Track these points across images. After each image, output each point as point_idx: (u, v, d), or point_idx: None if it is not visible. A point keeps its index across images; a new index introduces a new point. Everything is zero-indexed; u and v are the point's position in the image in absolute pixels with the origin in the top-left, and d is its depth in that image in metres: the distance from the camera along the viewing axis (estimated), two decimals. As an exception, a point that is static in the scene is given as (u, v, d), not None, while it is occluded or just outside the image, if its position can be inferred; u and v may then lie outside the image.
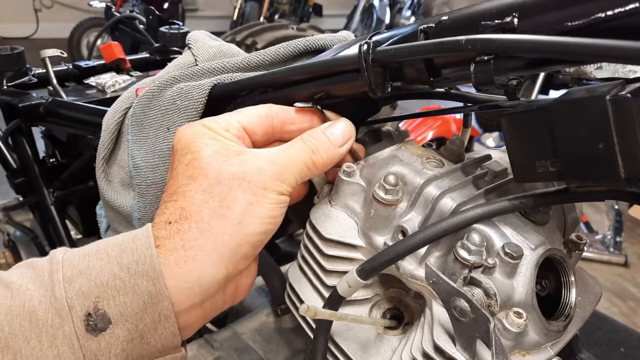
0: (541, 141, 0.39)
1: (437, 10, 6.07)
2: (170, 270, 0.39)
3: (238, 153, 0.44)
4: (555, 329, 0.44)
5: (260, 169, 0.43)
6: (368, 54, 0.44)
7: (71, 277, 0.37)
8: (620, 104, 0.33)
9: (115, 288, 0.37)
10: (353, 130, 0.51)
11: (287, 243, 1.09)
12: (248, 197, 0.42)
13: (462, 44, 0.37)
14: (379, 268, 0.45)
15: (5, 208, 1.36)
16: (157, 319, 0.38)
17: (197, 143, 0.44)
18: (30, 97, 1.02)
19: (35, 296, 0.36)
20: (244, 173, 0.42)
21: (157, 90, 0.61)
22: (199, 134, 0.45)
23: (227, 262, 0.41)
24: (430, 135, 2.93)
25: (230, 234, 0.41)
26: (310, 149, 0.47)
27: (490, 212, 0.43)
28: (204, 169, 0.42)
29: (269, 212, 0.43)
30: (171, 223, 0.41)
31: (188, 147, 0.44)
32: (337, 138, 0.49)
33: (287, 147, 0.47)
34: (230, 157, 0.43)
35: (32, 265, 0.39)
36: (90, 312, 0.36)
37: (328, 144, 0.48)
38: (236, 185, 0.42)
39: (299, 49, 0.62)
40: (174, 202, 0.42)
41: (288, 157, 0.45)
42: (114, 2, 4.63)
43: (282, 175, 0.44)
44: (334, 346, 0.52)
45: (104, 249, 0.39)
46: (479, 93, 0.57)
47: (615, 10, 0.32)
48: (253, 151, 0.45)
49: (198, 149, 0.44)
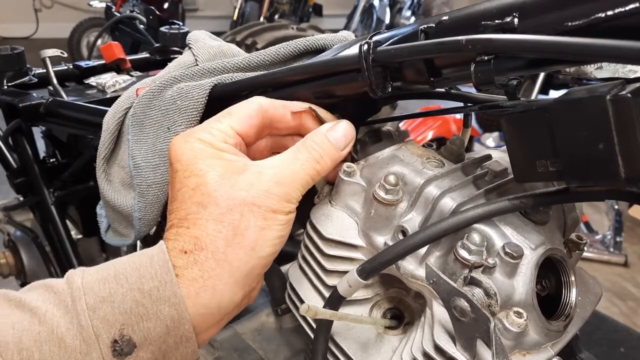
0: (541, 141, 0.39)
1: (437, 10, 6.07)
2: (191, 299, 0.40)
3: (242, 170, 0.44)
4: (555, 328, 0.44)
5: (268, 192, 0.43)
6: (368, 54, 0.44)
7: (94, 306, 0.38)
8: (620, 104, 0.33)
9: (139, 314, 0.39)
10: (354, 131, 0.50)
11: (287, 243, 1.09)
12: (260, 223, 0.42)
13: (463, 44, 0.37)
14: (380, 268, 0.45)
15: (6, 208, 1.36)
16: (178, 341, 0.40)
17: (200, 166, 0.43)
18: (30, 97, 1.01)
19: (62, 323, 0.37)
20: (254, 198, 0.42)
21: (157, 90, 0.61)
22: (199, 153, 0.44)
23: (243, 285, 0.43)
24: (430, 135, 2.93)
25: (246, 261, 0.42)
26: (315, 159, 0.46)
27: (491, 212, 0.43)
28: (213, 197, 0.42)
29: (278, 232, 0.44)
30: (187, 253, 0.41)
31: (190, 169, 0.44)
32: (339, 141, 0.48)
33: (291, 160, 0.46)
34: (237, 179, 0.43)
35: (52, 288, 0.40)
36: (116, 338, 0.38)
37: (332, 150, 0.47)
38: (247, 211, 0.42)
39: (299, 49, 0.62)
40: (186, 230, 0.42)
41: (293, 174, 0.45)
42: (114, 2, 4.63)
43: (289, 195, 0.44)
44: (335, 346, 0.52)
45: (123, 274, 0.40)
46: (479, 93, 0.57)
47: (615, 10, 0.32)
48: (257, 166, 0.44)
49: (202, 172, 0.43)
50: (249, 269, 0.42)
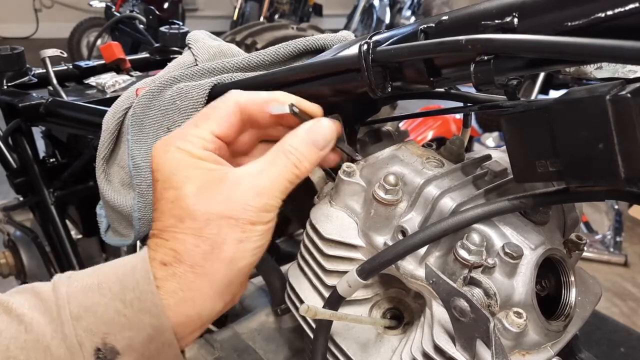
0: (541, 141, 0.39)
1: (437, 10, 6.07)
2: (172, 309, 0.41)
3: (220, 181, 0.43)
4: (555, 328, 0.44)
5: (245, 204, 0.42)
6: (368, 54, 0.44)
7: (78, 315, 0.39)
8: (620, 104, 0.33)
9: (121, 324, 0.39)
10: (335, 128, 0.48)
11: (287, 243, 1.09)
12: (237, 236, 0.42)
13: (462, 44, 0.37)
14: (379, 268, 0.45)
15: (5, 208, 1.36)
16: (160, 347, 0.41)
17: (178, 178, 0.43)
18: (30, 97, 1.01)
19: (48, 331, 0.38)
20: (231, 212, 0.42)
21: (157, 90, 0.61)
22: (178, 164, 0.43)
23: (223, 294, 0.43)
24: (430, 135, 2.93)
25: (224, 273, 0.42)
26: (293, 164, 0.45)
27: (490, 212, 0.43)
28: (190, 211, 0.42)
29: (257, 243, 0.43)
30: (166, 265, 0.41)
31: (169, 181, 0.43)
32: (318, 142, 0.46)
33: (269, 166, 0.45)
34: (214, 191, 0.42)
35: (39, 295, 0.40)
36: (99, 347, 0.39)
37: (310, 152, 0.46)
38: (224, 224, 0.42)
39: (299, 49, 0.62)
40: (165, 242, 0.42)
41: (272, 182, 0.44)
42: (114, 2, 4.62)
43: (268, 205, 0.43)
44: (334, 346, 0.52)
45: (106, 283, 0.41)
46: (479, 93, 0.58)
47: (615, 10, 0.32)
48: (235, 175, 0.44)
49: (180, 185, 0.43)
50: (228, 280, 0.43)
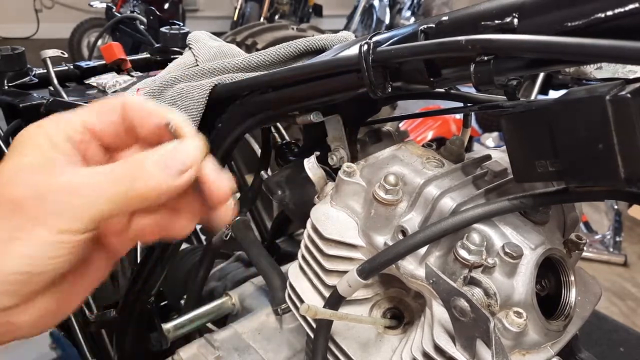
0: (541, 141, 0.39)
1: (437, 10, 6.06)
2: None
3: (49, 173, 0.36)
4: (555, 328, 0.44)
5: (43, 197, 0.35)
6: (368, 54, 0.44)
7: None
8: (620, 104, 0.33)
9: None
10: (200, 154, 0.39)
11: (287, 243, 1.09)
12: (7, 233, 0.35)
13: (462, 44, 0.37)
14: (379, 268, 0.45)
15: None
16: None
17: (16, 151, 0.38)
18: (31, 97, 1.01)
19: None
20: (24, 199, 0.35)
21: (158, 90, 0.61)
22: (29, 137, 0.38)
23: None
24: (430, 135, 2.93)
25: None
26: (129, 180, 0.37)
27: (490, 212, 0.43)
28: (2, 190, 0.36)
29: (35, 252, 0.35)
30: None
31: (10, 150, 0.38)
32: (170, 167, 0.38)
33: (100, 172, 0.38)
34: (33, 176, 0.36)
35: None
36: None
37: (157, 175, 0.37)
38: (6, 210, 0.35)
39: (299, 49, 0.62)
40: None
41: (93, 188, 0.36)
42: (114, 3, 4.62)
43: (74, 211, 0.36)
44: (335, 346, 0.52)
45: None
46: (479, 93, 0.58)
47: (615, 10, 0.32)
48: (64, 173, 0.37)
49: (8, 158, 0.37)
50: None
